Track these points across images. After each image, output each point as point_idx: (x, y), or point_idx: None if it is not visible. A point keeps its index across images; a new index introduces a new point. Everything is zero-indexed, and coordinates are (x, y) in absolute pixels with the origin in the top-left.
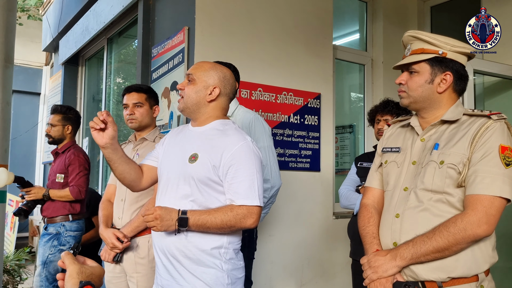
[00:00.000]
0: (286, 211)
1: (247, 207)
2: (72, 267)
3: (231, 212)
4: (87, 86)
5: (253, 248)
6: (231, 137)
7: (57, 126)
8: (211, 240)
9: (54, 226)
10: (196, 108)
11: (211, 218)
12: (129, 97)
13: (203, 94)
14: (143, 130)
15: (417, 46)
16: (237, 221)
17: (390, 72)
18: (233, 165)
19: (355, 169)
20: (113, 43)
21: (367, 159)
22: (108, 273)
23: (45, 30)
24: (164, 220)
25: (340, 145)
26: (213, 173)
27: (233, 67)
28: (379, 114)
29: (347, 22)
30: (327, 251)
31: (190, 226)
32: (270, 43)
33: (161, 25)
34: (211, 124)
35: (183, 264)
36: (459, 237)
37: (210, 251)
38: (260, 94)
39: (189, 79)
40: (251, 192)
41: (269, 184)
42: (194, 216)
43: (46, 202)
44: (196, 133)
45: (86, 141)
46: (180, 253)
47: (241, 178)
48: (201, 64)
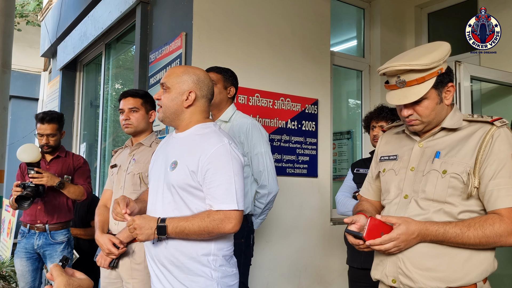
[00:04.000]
0: (283, 217)
1: (224, 212)
2: (59, 279)
3: (208, 217)
4: (85, 92)
5: (250, 254)
6: (208, 141)
7: (56, 136)
8: (198, 248)
9: (62, 233)
10: (175, 116)
11: (188, 225)
12: (125, 102)
13: (179, 101)
14: (139, 135)
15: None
16: (215, 227)
17: None
18: (209, 169)
19: (351, 176)
20: (111, 48)
21: (364, 165)
22: (104, 279)
23: (44, 36)
24: (143, 229)
25: (338, 151)
26: (191, 179)
27: (231, 72)
28: (374, 120)
29: (345, 28)
30: (324, 258)
31: (169, 234)
32: (268, 49)
33: (158, 30)
34: (191, 129)
35: (172, 273)
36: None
37: (198, 258)
38: (258, 99)
39: (163, 88)
40: (228, 196)
41: (266, 190)
42: (172, 223)
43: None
44: (178, 139)
45: (84, 147)
46: (169, 262)
47: (218, 182)
48: (173, 71)
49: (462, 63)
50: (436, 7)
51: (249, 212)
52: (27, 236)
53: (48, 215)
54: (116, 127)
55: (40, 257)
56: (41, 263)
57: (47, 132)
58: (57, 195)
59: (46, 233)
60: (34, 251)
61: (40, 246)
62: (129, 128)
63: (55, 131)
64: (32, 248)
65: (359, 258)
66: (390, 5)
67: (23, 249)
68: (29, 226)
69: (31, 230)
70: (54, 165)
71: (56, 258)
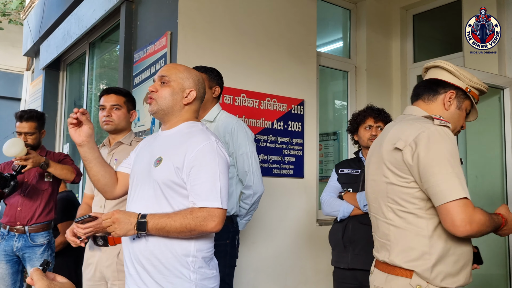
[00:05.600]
0: (269, 218)
1: (207, 209)
2: (40, 283)
3: (191, 214)
4: (68, 91)
5: (235, 255)
6: (194, 138)
7: (35, 134)
8: (178, 248)
9: (42, 235)
10: (170, 110)
11: (170, 221)
12: (107, 99)
13: (179, 97)
14: (118, 133)
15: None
16: (197, 224)
17: (374, 79)
18: (195, 166)
19: (336, 176)
20: (95, 48)
21: (348, 166)
22: (87, 281)
23: (26, 35)
24: (122, 224)
25: (324, 152)
26: (175, 176)
27: (216, 71)
28: (372, 119)
29: (331, 29)
30: (310, 258)
31: (149, 230)
32: (254, 49)
33: (143, 30)
34: (179, 127)
35: (149, 272)
36: None
37: (177, 258)
38: (244, 100)
39: (162, 81)
40: (212, 193)
41: (251, 191)
42: (153, 219)
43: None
44: (164, 136)
45: (67, 147)
46: (147, 260)
47: (203, 179)
48: (175, 66)
49: None
50: (421, 9)
51: (234, 213)
52: (6, 238)
53: (27, 216)
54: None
55: (20, 259)
56: (21, 265)
57: (25, 130)
58: (38, 195)
59: (26, 235)
60: (14, 253)
61: (20, 249)
62: (109, 125)
63: (33, 130)
64: (11, 251)
65: (345, 259)
66: (376, 7)
67: (2, 252)
68: (9, 228)
69: (11, 232)
70: None
71: (36, 261)
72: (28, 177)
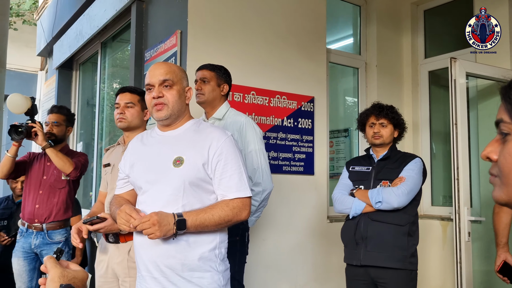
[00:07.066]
0: (279, 215)
1: (241, 199)
2: (53, 271)
3: (227, 206)
4: (81, 91)
5: (245, 252)
6: (213, 134)
7: (61, 126)
8: (207, 242)
9: (59, 232)
10: (180, 113)
11: (208, 216)
12: (122, 97)
13: (184, 98)
14: (132, 131)
15: None
16: (234, 215)
17: (384, 75)
18: (220, 160)
19: (347, 173)
20: (107, 47)
21: (359, 163)
22: (100, 278)
23: (39, 35)
24: (162, 225)
25: (335, 149)
26: (203, 172)
27: (224, 69)
28: (374, 117)
29: (341, 26)
30: (321, 255)
31: (188, 228)
32: (263, 46)
33: (154, 28)
34: (186, 125)
35: (178, 272)
36: None
37: (207, 254)
38: (253, 97)
39: (166, 85)
40: (242, 185)
41: (260, 188)
42: (191, 216)
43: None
44: (171, 137)
45: (80, 146)
46: (177, 261)
47: (231, 172)
48: (169, 66)
49: (457, 60)
50: (432, 4)
51: None
52: (25, 235)
53: (45, 214)
54: (113, 126)
55: (37, 257)
56: (38, 263)
57: (52, 120)
58: (55, 193)
59: (43, 233)
60: (32, 250)
61: (37, 246)
62: (122, 123)
63: (61, 121)
64: (29, 248)
65: (358, 256)
66: (386, 3)
67: (20, 249)
68: (27, 225)
69: (29, 230)
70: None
71: None
72: (47, 175)
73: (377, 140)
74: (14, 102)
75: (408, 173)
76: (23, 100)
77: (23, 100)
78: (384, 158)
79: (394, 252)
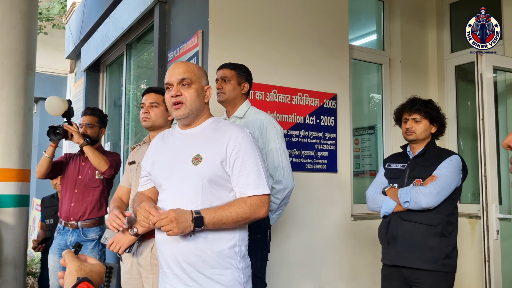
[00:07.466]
0: (303, 213)
1: (259, 197)
2: (71, 265)
3: (245, 204)
4: (108, 92)
5: (267, 250)
6: (232, 131)
7: (94, 127)
8: (226, 239)
9: (93, 230)
10: (199, 111)
11: (226, 213)
12: (147, 97)
13: (202, 96)
14: (157, 130)
15: None
16: (252, 212)
17: (409, 71)
18: (238, 157)
19: (383, 171)
20: (132, 49)
21: (396, 160)
22: (125, 274)
23: (68, 38)
24: (180, 222)
25: (361, 147)
26: (221, 170)
27: (245, 67)
28: (406, 113)
29: (364, 22)
30: (346, 254)
31: (206, 225)
32: (285, 44)
33: (176, 29)
34: (204, 123)
35: (199, 269)
36: None
37: (227, 251)
38: (275, 95)
39: (185, 83)
40: (260, 182)
41: (281, 186)
42: (209, 214)
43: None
44: (190, 135)
45: (108, 146)
46: (197, 257)
47: (249, 169)
48: (188, 65)
49: (483, 54)
50: None
51: None
52: (61, 232)
53: (80, 212)
54: (139, 127)
55: None
56: None
57: (86, 122)
58: (89, 192)
59: (79, 230)
60: (67, 247)
61: (72, 243)
62: (147, 122)
63: (94, 123)
64: (65, 245)
65: (389, 255)
66: None
67: (57, 246)
68: (64, 223)
69: (65, 227)
70: (86, 163)
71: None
72: (82, 174)
73: (409, 136)
74: (52, 104)
75: (442, 171)
76: (60, 103)
77: (60, 102)
78: (420, 155)
79: (425, 253)
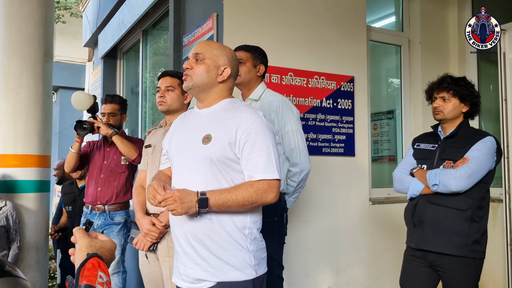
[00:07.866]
0: (320, 197)
1: (267, 181)
2: (81, 241)
3: (252, 188)
4: (126, 79)
5: (284, 232)
6: (243, 113)
7: (116, 116)
8: (236, 221)
9: (120, 214)
10: (206, 87)
11: (232, 196)
12: (162, 81)
13: (214, 74)
14: (173, 114)
15: None
16: (259, 197)
17: (429, 52)
18: (248, 140)
19: (412, 151)
20: (148, 35)
21: (425, 140)
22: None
23: (85, 26)
24: (184, 202)
25: (379, 131)
26: (229, 151)
27: (260, 49)
28: (435, 91)
29: (382, 3)
30: (363, 238)
31: (211, 207)
32: (301, 26)
33: (191, 13)
34: (220, 103)
35: (209, 248)
36: None
37: (236, 232)
38: (291, 78)
39: (197, 58)
40: (269, 166)
41: (298, 168)
42: (214, 196)
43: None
44: (204, 114)
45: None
46: (206, 237)
47: (258, 152)
48: (209, 43)
49: (507, 31)
50: None
51: (281, 191)
52: (88, 217)
53: (106, 196)
54: (156, 113)
55: None
56: None
57: (108, 111)
58: (115, 177)
59: (106, 214)
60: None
61: (99, 226)
62: (163, 106)
63: (115, 111)
64: (92, 229)
65: (415, 239)
66: None
67: None
68: (91, 207)
69: (92, 211)
70: (115, 146)
71: (113, 238)
72: (107, 160)
73: (437, 116)
74: (78, 99)
75: (474, 153)
76: (86, 98)
77: (86, 97)
78: (451, 136)
79: (452, 238)
